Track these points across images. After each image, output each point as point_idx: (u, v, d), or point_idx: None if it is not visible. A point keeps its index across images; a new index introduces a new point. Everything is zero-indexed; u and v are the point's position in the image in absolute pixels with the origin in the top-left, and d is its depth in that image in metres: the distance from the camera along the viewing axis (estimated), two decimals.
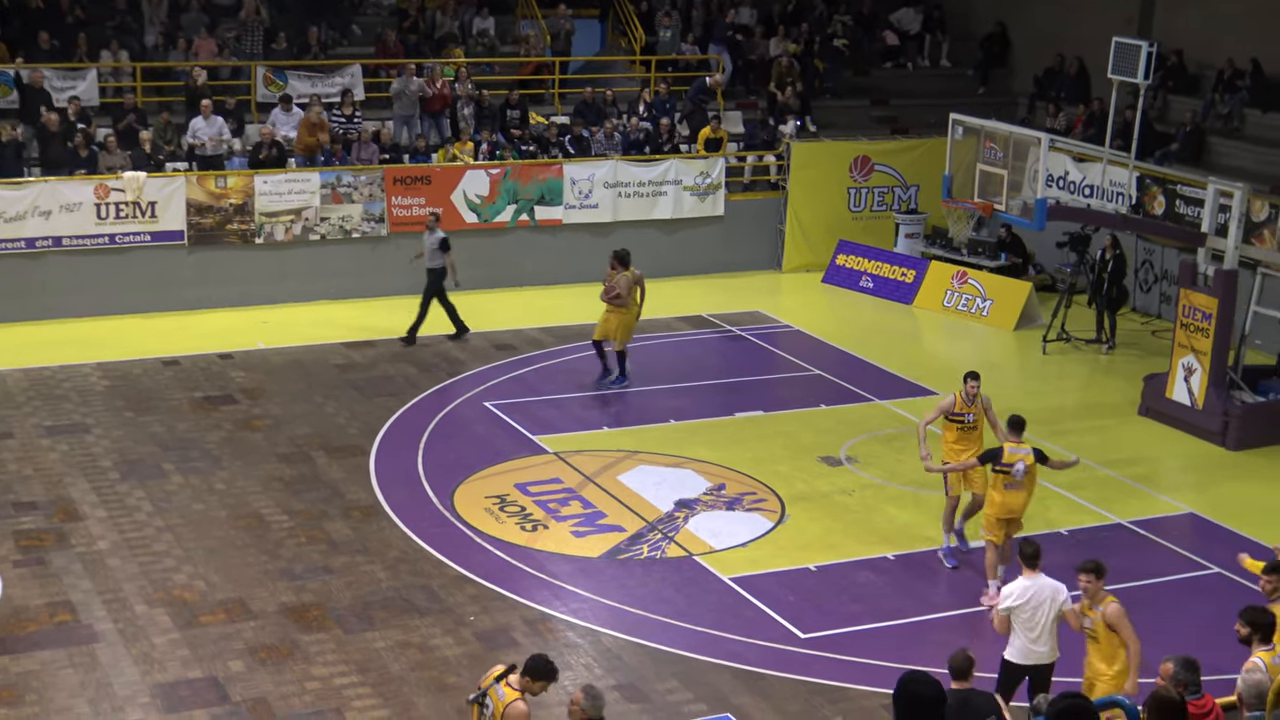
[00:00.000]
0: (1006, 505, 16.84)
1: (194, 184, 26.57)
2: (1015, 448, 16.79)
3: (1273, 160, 29.02)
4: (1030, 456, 16.70)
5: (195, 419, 21.87)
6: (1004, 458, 16.75)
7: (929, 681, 7.02)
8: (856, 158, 31.44)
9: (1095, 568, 13.20)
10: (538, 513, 19.08)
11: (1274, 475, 21.46)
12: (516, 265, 28.91)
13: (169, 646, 15.49)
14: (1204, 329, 22.40)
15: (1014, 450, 16.76)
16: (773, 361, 25.69)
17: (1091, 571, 13.16)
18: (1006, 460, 16.72)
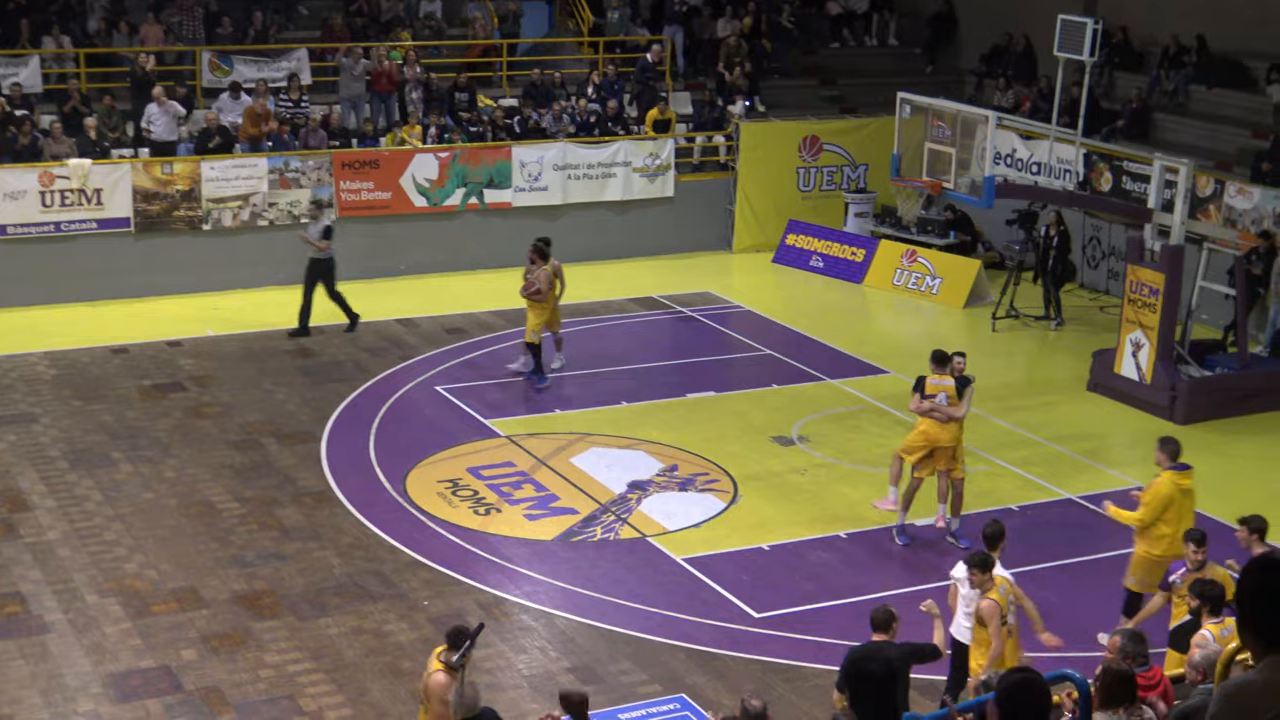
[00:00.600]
0: (929, 435, 17.73)
1: (140, 171, 26.38)
2: (938, 380, 17.84)
3: (1218, 136, 29.22)
4: (951, 386, 17.81)
5: (144, 407, 21.74)
6: (926, 389, 17.83)
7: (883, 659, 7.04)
8: (805, 137, 31.49)
9: (980, 562, 13.28)
10: (490, 496, 19.06)
11: (1221, 448, 21.63)
12: (466, 248, 28.84)
13: (120, 636, 15.42)
14: (1151, 304, 22.55)
15: (936, 382, 17.82)
16: (724, 342, 25.72)
17: (976, 566, 13.29)
18: (929, 391, 17.78)
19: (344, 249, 27.63)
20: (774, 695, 14.64)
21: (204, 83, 28.77)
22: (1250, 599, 5.44)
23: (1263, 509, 19.23)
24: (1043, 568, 17.38)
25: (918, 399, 17.97)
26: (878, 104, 31.51)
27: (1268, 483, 20.56)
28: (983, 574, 13.24)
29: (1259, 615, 5.40)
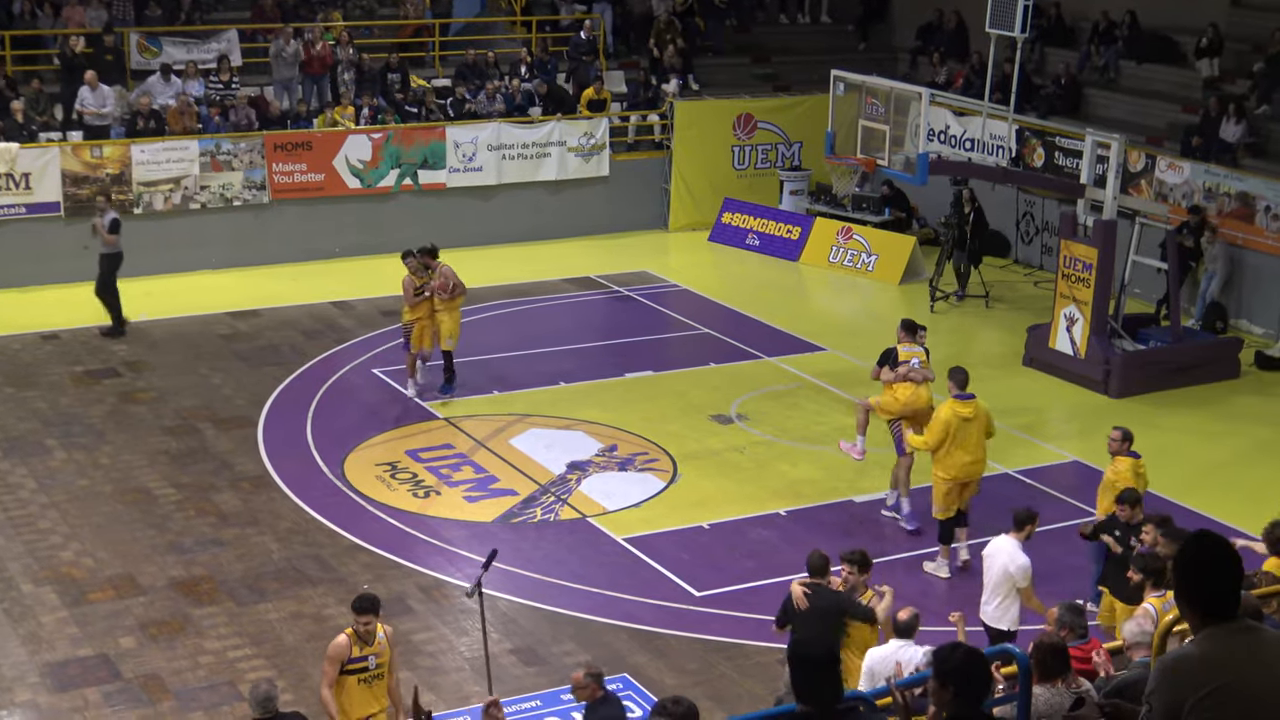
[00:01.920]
0: (907, 401, 17.80)
1: (69, 154, 26.09)
2: (909, 348, 17.97)
3: (1149, 111, 29.44)
4: (923, 354, 18.03)
5: (77, 394, 21.53)
6: (900, 356, 17.91)
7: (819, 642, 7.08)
8: (740, 115, 31.51)
9: (860, 559, 12.72)
10: (429, 479, 19.01)
11: (1155, 421, 21.82)
12: (401, 230, 28.57)
13: (57, 625, 15.29)
14: (1085, 279, 22.71)
15: (908, 350, 17.93)
16: (661, 321, 25.74)
17: (853, 563, 12.69)
18: (902, 359, 17.86)
19: (279, 232, 27.53)
20: (716, 673, 14.69)
21: (133, 64, 28.45)
22: (1190, 571, 5.51)
23: (1196, 481, 19.58)
24: (981, 541, 17.48)
25: (888, 370, 17.89)
26: (811, 82, 31.58)
27: (1201, 455, 20.79)
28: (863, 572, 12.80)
29: (1198, 588, 5.46)
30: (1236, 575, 5.46)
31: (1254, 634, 5.45)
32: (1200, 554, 5.49)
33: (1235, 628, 5.39)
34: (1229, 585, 5.45)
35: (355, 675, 11.92)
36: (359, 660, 11.91)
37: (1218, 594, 5.43)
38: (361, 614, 11.88)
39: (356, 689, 11.95)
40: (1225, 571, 5.45)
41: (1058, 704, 8.71)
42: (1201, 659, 5.37)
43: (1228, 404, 22.56)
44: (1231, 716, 5.25)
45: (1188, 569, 5.51)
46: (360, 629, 11.87)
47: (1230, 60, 29.02)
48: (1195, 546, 5.53)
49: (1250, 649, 5.38)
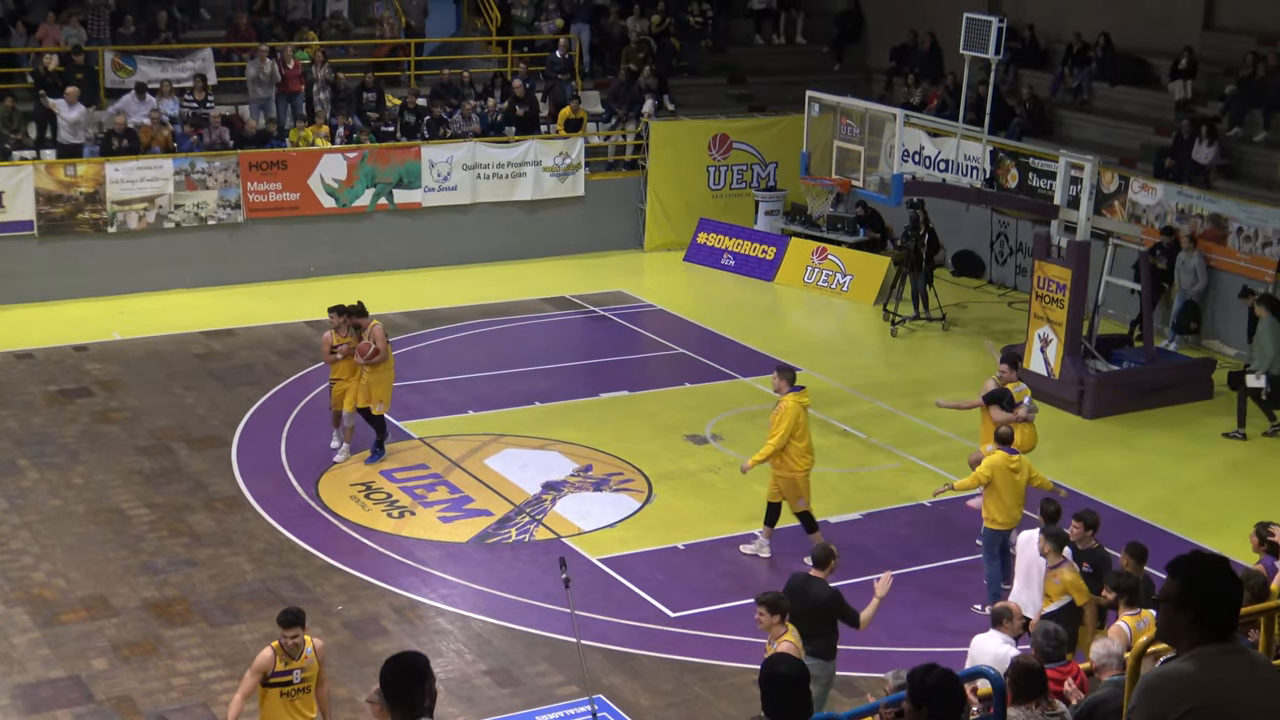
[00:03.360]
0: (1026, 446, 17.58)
1: (43, 172, 26.02)
2: (1019, 386, 17.96)
3: (1122, 133, 29.57)
4: (1028, 389, 18.00)
5: (50, 413, 21.44)
6: (1014, 396, 17.69)
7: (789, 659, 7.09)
8: (715, 136, 31.57)
9: (772, 602, 12.34)
10: (404, 499, 18.96)
11: (1129, 442, 21.91)
12: (376, 249, 28.67)
13: (29, 646, 15.20)
14: (1059, 300, 22.79)
15: (1019, 388, 17.88)
16: (636, 341, 25.74)
17: (766, 605, 12.30)
18: (1017, 399, 17.66)
19: (253, 251, 27.47)
20: (690, 694, 14.67)
21: (107, 83, 28.39)
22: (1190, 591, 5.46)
23: (1170, 501, 19.64)
24: (956, 563, 17.53)
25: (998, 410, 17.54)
26: (786, 102, 31.65)
27: (1174, 475, 20.85)
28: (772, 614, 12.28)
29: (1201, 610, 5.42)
30: (1235, 597, 5.46)
31: (1245, 657, 5.44)
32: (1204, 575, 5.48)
33: (1226, 648, 5.39)
34: (1226, 607, 5.44)
35: (278, 688, 12.02)
36: (283, 674, 12.00)
37: (1213, 615, 5.41)
38: (288, 627, 12.01)
39: (279, 702, 12.06)
40: (1224, 593, 5.44)
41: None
42: (1187, 677, 5.35)
43: (1201, 424, 22.62)
44: None
45: (1185, 588, 5.47)
46: (286, 643, 11.96)
47: (1203, 82, 29.18)
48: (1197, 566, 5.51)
49: (1237, 670, 5.37)
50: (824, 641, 13.21)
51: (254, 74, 28.68)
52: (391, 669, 6.61)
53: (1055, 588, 13.64)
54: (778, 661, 6.96)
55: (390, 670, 6.61)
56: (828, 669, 13.29)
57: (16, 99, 27.35)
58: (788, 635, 12.19)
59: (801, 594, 13.18)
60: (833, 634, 13.34)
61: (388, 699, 6.56)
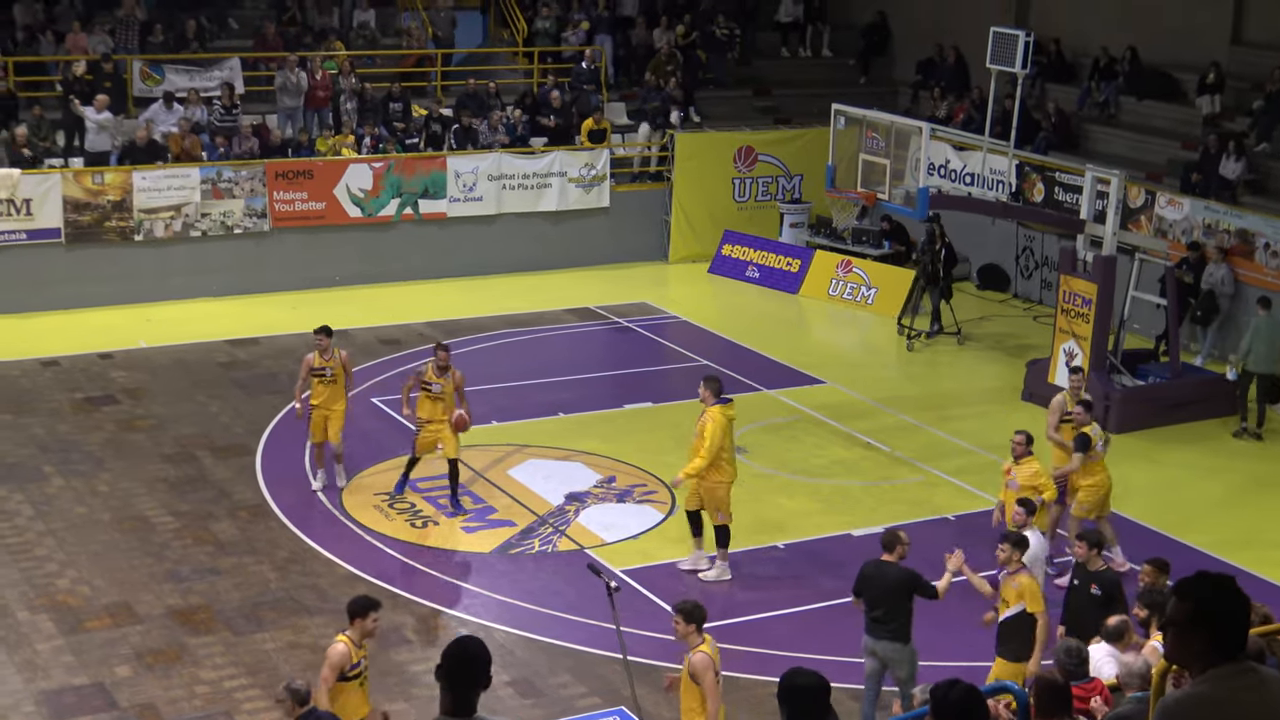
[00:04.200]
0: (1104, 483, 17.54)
1: (70, 181, 26.14)
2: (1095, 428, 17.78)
3: (1148, 147, 29.49)
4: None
5: (76, 420, 21.52)
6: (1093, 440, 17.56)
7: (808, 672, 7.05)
8: (740, 148, 31.58)
9: (688, 610, 12.19)
10: (427, 509, 18.98)
11: (1154, 457, 21.84)
12: (401, 259, 28.73)
13: (53, 653, 15.24)
14: (1084, 314, 22.73)
15: (1095, 430, 17.72)
16: (660, 353, 25.74)
17: (682, 614, 12.19)
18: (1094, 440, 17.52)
19: (279, 260, 27.56)
20: None
21: (135, 91, 28.51)
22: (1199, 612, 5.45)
23: (1195, 517, 19.56)
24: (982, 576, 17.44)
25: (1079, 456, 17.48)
26: (812, 115, 31.65)
27: (1199, 491, 20.78)
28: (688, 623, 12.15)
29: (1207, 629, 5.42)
30: (1245, 616, 5.43)
31: (1256, 675, 5.42)
32: (1213, 594, 5.46)
33: (1239, 669, 5.36)
34: (1238, 626, 5.42)
35: (356, 680, 11.97)
36: (357, 666, 11.97)
37: (1226, 635, 5.39)
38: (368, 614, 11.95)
39: (357, 693, 12.00)
40: (1234, 612, 5.42)
41: None
42: (1204, 700, 5.33)
43: (1226, 440, 22.54)
44: None
45: (1197, 610, 5.46)
46: (369, 625, 11.98)
47: (1230, 97, 29.10)
48: (1204, 587, 5.49)
49: (1253, 691, 5.35)
50: (899, 625, 13.73)
51: (281, 84, 28.78)
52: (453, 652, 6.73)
53: (1012, 592, 13.60)
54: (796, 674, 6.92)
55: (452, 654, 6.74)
56: (904, 652, 13.76)
57: (45, 107, 27.48)
58: (704, 645, 12.11)
59: (878, 578, 13.77)
60: (907, 617, 13.76)
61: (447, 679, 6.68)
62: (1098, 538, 14.45)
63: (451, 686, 6.73)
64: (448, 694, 6.75)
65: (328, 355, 19.02)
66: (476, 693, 6.76)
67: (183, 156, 27.25)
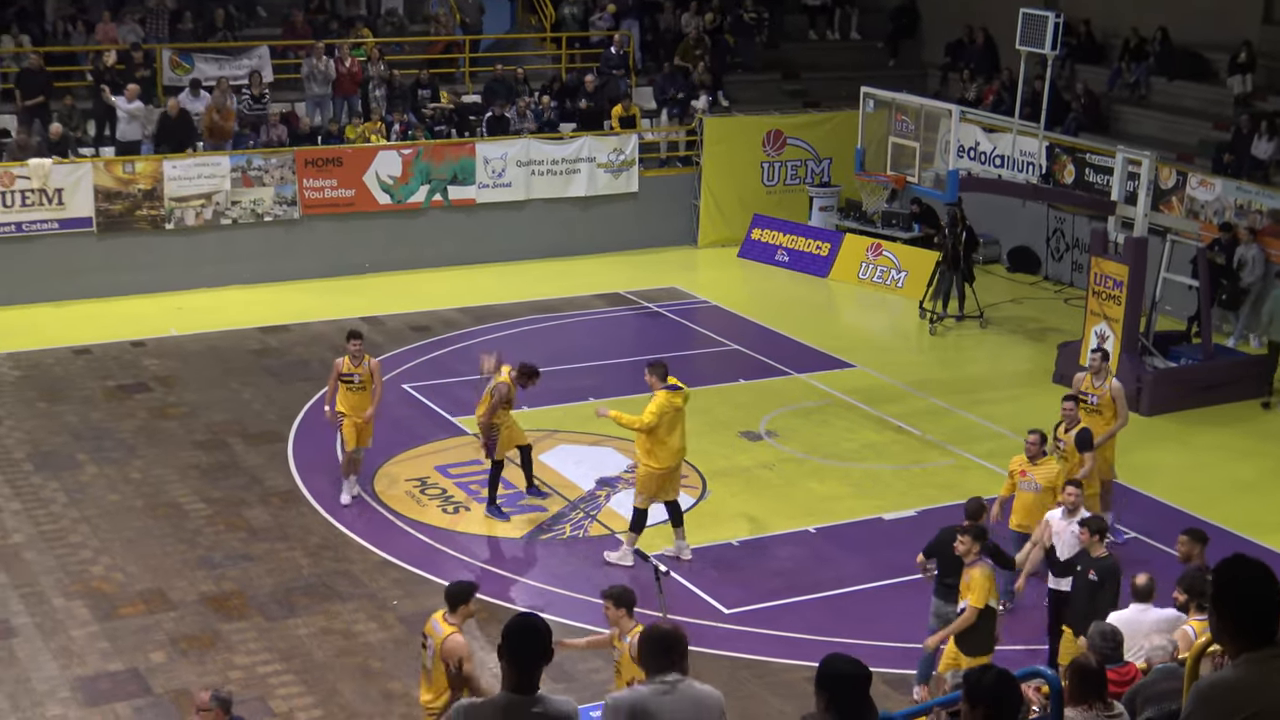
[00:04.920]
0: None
1: (101, 170, 26.24)
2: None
3: (1180, 128, 29.36)
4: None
5: (109, 408, 21.63)
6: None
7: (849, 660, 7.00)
8: (769, 132, 31.52)
9: (617, 595, 12.18)
10: (459, 495, 19.03)
11: (1186, 439, 21.77)
12: (431, 246, 28.77)
13: (88, 639, 15.34)
14: (1116, 296, 22.64)
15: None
16: (690, 337, 25.74)
17: (611, 598, 12.19)
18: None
19: (309, 247, 27.64)
20: (745, 692, 14.65)
21: (165, 80, 28.60)
22: (1227, 596, 5.46)
23: (1226, 499, 19.49)
24: None
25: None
26: (841, 98, 31.58)
27: (1231, 473, 20.70)
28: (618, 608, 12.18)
29: (1236, 612, 5.42)
30: (1275, 600, 5.41)
31: None
32: (1238, 578, 5.45)
33: (1274, 653, 5.35)
34: (1267, 610, 5.40)
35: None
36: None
37: (1256, 619, 5.38)
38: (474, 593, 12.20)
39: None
40: (1263, 596, 5.40)
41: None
42: (1238, 685, 5.33)
43: (1259, 422, 22.45)
44: None
45: (1225, 593, 5.46)
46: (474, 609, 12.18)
47: (1262, 77, 28.92)
48: (1233, 570, 5.48)
49: None
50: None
51: (309, 71, 28.83)
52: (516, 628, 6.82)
53: (963, 584, 13.59)
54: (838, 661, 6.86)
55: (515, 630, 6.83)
56: None
57: (76, 97, 27.59)
58: (637, 629, 11.90)
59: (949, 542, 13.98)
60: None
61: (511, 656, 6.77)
62: (1099, 524, 14.35)
63: (516, 663, 6.79)
64: (512, 671, 6.81)
65: (358, 361, 18.36)
66: (540, 668, 6.82)
67: (215, 131, 27.29)
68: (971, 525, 14.00)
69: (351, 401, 18.37)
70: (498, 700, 6.87)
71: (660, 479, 17.08)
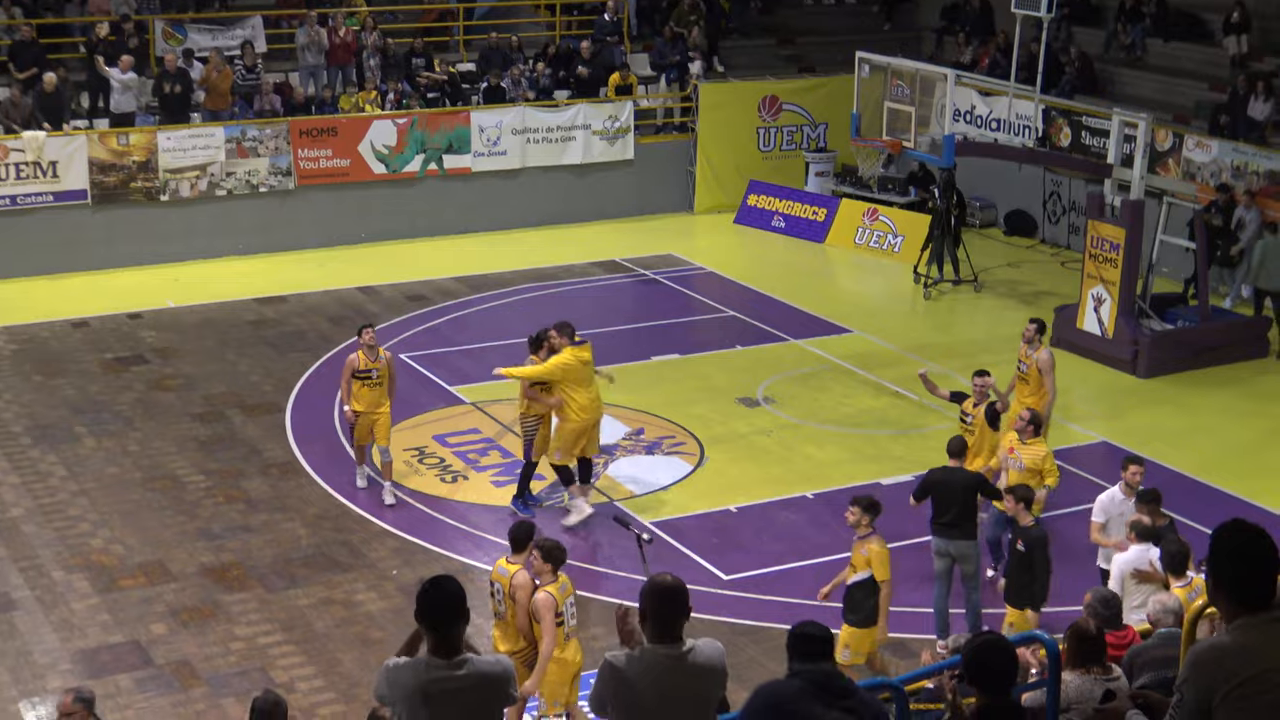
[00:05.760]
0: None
1: (96, 142, 26.17)
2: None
3: (1175, 89, 29.29)
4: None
5: (106, 381, 21.63)
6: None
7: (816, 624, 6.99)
8: (765, 97, 31.44)
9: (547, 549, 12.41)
10: (457, 464, 19.04)
11: (1183, 401, 21.78)
12: (426, 215, 28.72)
13: (89, 612, 15.37)
14: (1112, 259, 22.63)
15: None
16: (687, 304, 25.73)
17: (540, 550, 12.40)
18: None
19: (305, 217, 27.59)
20: (744, 657, 14.68)
21: (157, 51, 28.49)
22: (1224, 560, 5.47)
23: (1223, 461, 19.53)
24: None
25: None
26: (836, 63, 31.49)
27: (1229, 435, 20.72)
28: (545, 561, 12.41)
29: (1233, 576, 5.43)
30: (1272, 565, 5.43)
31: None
32: (1235, 543, 5.46)
33: (1269, 618, 5.37)
34: (1264, 574, 5.42)
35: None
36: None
37: (1252, 583, 5.40)
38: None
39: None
40: (1260, 560, 5.42)
41: (1089, 691, 8.69)
42: (1234, 649, 5.34)
43: (1256, 384, 22.47)
44: (1263, 707, 5.23)
45: (1222, 557, 5.48)
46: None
47: (1258, 37, 28.85)
48: (1230, 535, 5.50)
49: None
50: (970, 525, 14.80)
51: (303, 41, 28.73)
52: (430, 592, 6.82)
53: (861, 559, 13.58)
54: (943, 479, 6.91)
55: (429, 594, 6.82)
56: (973, 547, 14.84)
57: (69, 69, 27.50)
58: (553, 586, 12.34)
59: (948, 483, 14.71)
60: (974, 515, 14.85)
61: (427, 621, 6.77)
62: (1026, 493, 14.36)
63: (434, 627, 6.76)
64: (431, 635, 6.78)
65: (373, 355, 17.49)
66: (460, 630, 6.79)
67: (213, 91, 27.17)
68: (862, 496, 13.94)
69: (368, 399, 17.48)
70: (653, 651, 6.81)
71: (577, 434, 17.19)
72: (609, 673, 6.85)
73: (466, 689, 6.72)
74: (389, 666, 6.84)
